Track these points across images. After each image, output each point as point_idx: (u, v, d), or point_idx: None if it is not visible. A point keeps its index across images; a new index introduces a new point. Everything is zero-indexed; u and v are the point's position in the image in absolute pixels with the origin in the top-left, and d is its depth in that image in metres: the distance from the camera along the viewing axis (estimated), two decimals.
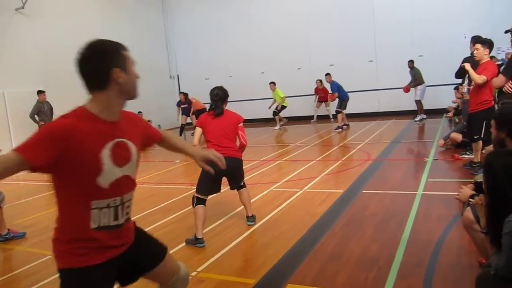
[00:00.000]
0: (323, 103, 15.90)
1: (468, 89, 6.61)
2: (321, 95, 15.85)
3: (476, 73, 5.75)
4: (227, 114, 4.73)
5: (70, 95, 13.11)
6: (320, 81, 15.52)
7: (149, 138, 2.28)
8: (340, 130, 12.76)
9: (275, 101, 15.46)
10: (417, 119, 12.78)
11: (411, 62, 13.19)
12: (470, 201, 2.88)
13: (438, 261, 3.57)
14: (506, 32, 5.28)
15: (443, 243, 3.94)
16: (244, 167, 4.96)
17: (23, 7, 12.97)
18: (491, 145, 6.04)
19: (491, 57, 11.45)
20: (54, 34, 13.92)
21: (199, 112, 15.73)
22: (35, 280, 3.95)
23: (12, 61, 12.67)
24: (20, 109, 12.65)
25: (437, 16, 14.24)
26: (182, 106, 15.22)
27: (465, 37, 8.09)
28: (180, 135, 14.63)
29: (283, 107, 15.33)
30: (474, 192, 2.93)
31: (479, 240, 2.93)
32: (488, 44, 5.85)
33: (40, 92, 12.18)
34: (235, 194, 6.36)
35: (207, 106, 6.11)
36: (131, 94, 2.00)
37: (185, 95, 15.24)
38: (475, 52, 5.86)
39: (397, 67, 14.55)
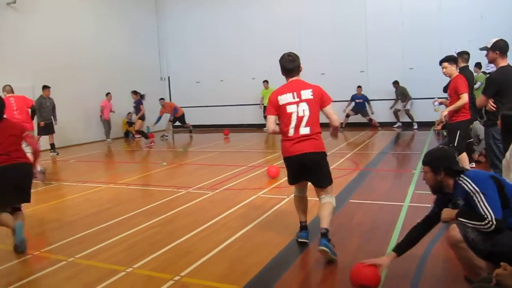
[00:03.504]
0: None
1: (439, 103, 6.85)
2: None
3: (450, 92, 5.96)
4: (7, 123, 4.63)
5: (61, 90, 13.07)
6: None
7: None
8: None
9: (262, 99, 15.66)
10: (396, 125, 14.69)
11: (396, 82, 14.43)
12: (460, 220, 2.85)
13: (423, 273, 3.55)
14: (481, 49, 5.32)
15: (429, 254, 3.93)
16: (232, 172, 4.93)
17: (14, 2, 12.82)
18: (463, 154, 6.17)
19: (483, 72, 11.67)
20: (46, 30, 13.82)
21: (182, 117, 15.68)
22: (15, 279, 3.85)
23: (3, 56, 12.50)
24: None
25: (428, 28, 14.38)
26: (134, 105, 14.63)
27: (455, 51, 8.14)
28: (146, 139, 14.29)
29: None
30: (457, 210, 2.92)
31: (466, 258, 2.92)
32: (453, 60, 6.03)
33: (44, 88, 12.10)
34: (219, 200, 6.34)
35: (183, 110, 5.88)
36: None
37: (136, 93, 14.53)
38: (444, 70, 6.00)
39: (387, 79, 14.70)
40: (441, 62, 6.07)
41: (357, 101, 15.11)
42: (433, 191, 3.21)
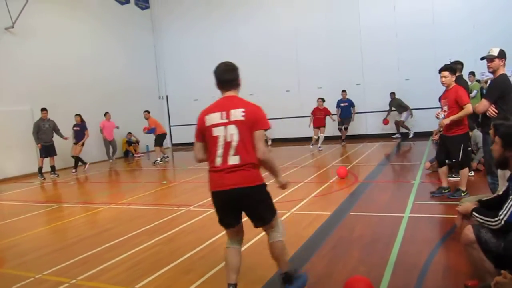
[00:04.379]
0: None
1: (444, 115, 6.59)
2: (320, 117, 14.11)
3: (445, 101, 6.04)
4: None
5: (59, 112, 13.14)
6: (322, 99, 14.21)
7: None
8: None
9: None
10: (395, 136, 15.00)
11: (392, 94, 14.69)
12: (474, 214, 2.93)
13: (424, 284, 3.56)
14: (482, 59, 5.43)
15: (430, 265, 3.94)
16: None
17: (12, 27, 12.99)
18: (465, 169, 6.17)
19: (477, 81, 11.77)
20: (44, 54, 13.96)
21: (159, 137, 14.17)
22: None
23: (0, 79, 12.61)
24: (8, 127, 12.57)
25: (422, 39, 14.53)
26: (75, 128, 13.54)
27: (450, 60, 8.23)
28: (75, 168, 13.24)
29: None
30: (475, 206, 2.98)
31: (476, 259, 2.94)
32: (453, 70, 6.11)
33: (42, 110, 12.20)
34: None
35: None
36: None
37: (79, 116, 13.57)
38: (442, 80, 6.04)
39: (383, 91, 14.83)
40: (440, 71, 6.09)
41: (342, 105, 14.92)
42: (496, 164, 3.17)
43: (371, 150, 12.76)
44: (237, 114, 3.18)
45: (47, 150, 12.29)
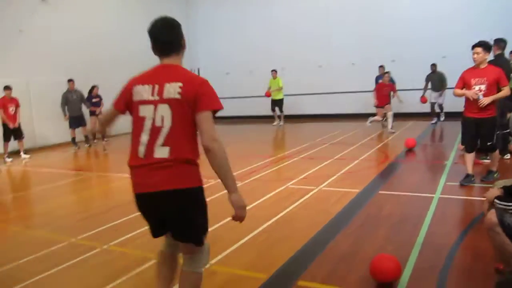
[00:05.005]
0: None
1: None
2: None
3: (481, 80, 5.68)
4: None
5: (88, 85, 13.33)
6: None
7: None
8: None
9: (269, 88, 15.35)
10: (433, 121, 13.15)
11: (433, 65, 13.08)
12: (495, 201, 2.90)
13: (452, 266, 3.52)
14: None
15: (458, 247, 3.89)
16: (261, 163, 4.94)
17: None
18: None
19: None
20: (75, 25, 14.07)
21: None
22: (51, 265, 4.03)
23: (36, 50, 12.86)
24: (44, 97, 12.89)
25: (461, 14, 13.96)
26: (94, 100, 12.94)
27: (491, 39, 7.88)
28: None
29: (281, 101, 15.30)
30: (500, 194, 2.95)
31: (499, 243, 2.90)
32: (488, 47, 5.75)
33: (69, 81, 12.40)
34: (248, 190, 6.39)
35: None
36: None
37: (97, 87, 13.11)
38: (474, 56, 5.72)
39: (419, 67, 14.35)
40: (473, 47, 5.80)
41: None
42: None
43: (403, 129, 12.50)
44: (172, 90, 2.34)
45: (77, 121, 12.47)
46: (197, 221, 2.47)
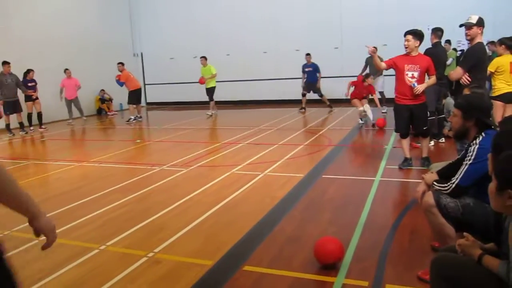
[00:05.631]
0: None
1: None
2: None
3: (414, 67, 5.84)
4: None
5: (29, 68, 12.59)
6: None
7: None
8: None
9: (202, 76, 14.20)
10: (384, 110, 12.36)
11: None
12: (433, 183, 3.02)
13: (392, 245, 3.67)
14: (461, 26, 5.43)
15: (398, 227, 4.05)
16: (207, 149, 4.90)
17: None
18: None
19: (453, 49, 11.81)
20: (14, 8, 13.22)
21: (133, 93, 13.68)
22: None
23: None
24: None
25: (403, 3, 14.44)
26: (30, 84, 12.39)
27: (428, 27, 8.21)
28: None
29: (212, 90, 14.14)
30: (437, 178, 3.08)
31: (436, 223, 3.03)
32: (419, 35, 5.91)
33: (3, 63, 11.55)
34: (193, 177, 6.35)
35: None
36: None
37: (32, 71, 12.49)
38: (406, 43, 5.87)
39: (361, 56, 14.71)
40: (405, 34, 5.97)
41: (307, 69, 14.11)
42: (455, 136, 3.21)
43: (346, 114, 12.83)
44: None
45: (12, 106, 11.75)
46: None
